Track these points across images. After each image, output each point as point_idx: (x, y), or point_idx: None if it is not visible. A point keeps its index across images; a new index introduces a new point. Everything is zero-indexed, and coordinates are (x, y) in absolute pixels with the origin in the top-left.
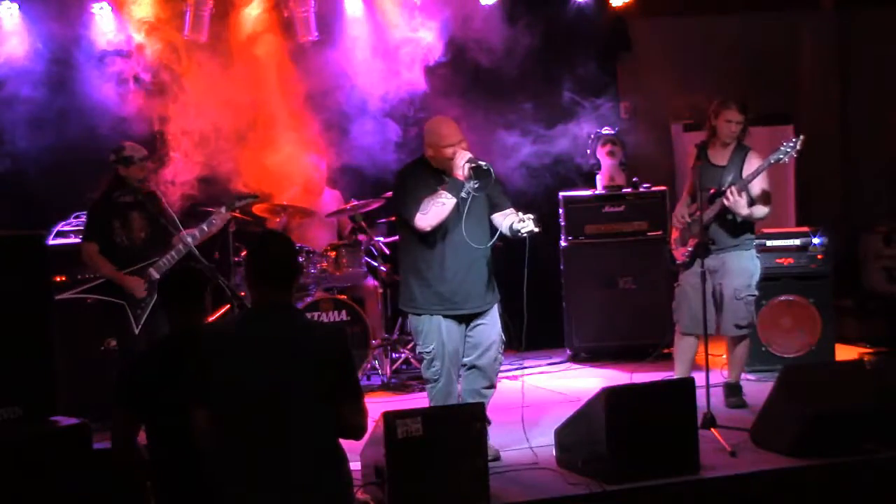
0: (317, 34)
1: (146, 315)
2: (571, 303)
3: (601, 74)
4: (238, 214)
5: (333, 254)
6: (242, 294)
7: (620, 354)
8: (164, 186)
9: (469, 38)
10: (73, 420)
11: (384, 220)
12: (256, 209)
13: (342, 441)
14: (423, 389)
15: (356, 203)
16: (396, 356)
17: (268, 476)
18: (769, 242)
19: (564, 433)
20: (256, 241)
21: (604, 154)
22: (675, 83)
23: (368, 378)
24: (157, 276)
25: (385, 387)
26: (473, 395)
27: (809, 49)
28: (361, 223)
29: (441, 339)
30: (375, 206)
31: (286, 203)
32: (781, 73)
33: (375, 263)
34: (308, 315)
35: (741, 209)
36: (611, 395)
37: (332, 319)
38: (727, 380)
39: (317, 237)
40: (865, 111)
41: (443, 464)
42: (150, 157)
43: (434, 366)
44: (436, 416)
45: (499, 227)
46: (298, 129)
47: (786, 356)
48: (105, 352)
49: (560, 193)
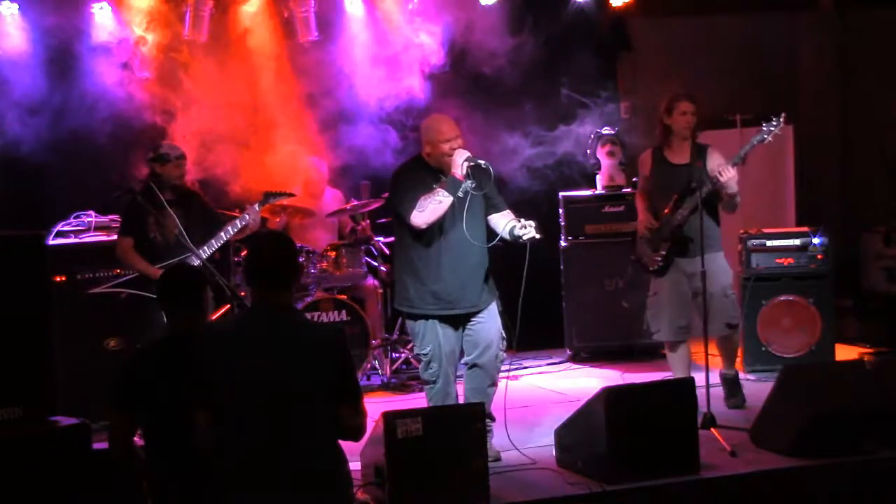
0: (317, 34)
1: None
2: (571, 303)
3: (601, 74)
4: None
5: (333, 254)
6: (242, 294)
7: (620, 354)
8: None
9: (469, 39)
10: (73, 420)
11: (384, 220)
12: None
13: (342, 441)
14: (423, 389)
15: (356, 203)
16: (396, 356)
17: (267, 476)
18: (769, 242)
19: (564, 433)
20: (257, 242)
21: (604, 154)
22: (675, 83)
23: (368, 378)
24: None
25: (385, 387)
26: (475, 394)
27: (809, 49)
28: (361, 223)
29: (438, 341)
30: (375, 206)
31: (286, 203)
32: (781, 73)
33: (375, 263)
34: (308, 315)
35: (734, 185)
36: (611, 395)
37: (332, 319)
38: (724, 372)
39: (317, 237)
40: (865, 111)
41: (443, 464)
42: (186, 157)
43: (431, 367)
44: (436, 416)
45: (495, 229)
46: (298, 130)
47: (786, 356)
48: (105, 352)
49: (560, 193)
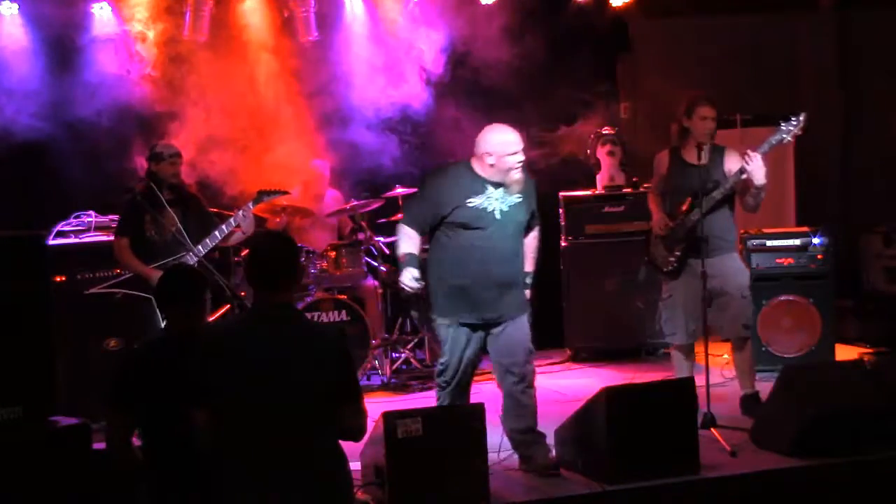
0: (317, 34)
1: None
2: (571, 303)
3: (601, 74)
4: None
5: (333, 254)
6: (242, 294)
7: (620, 354)
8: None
9: (468, 39)
10: (73, 420)
11: (384, 220)
12: (256, 209)
13: (342, 441)
14: (423, 389)
15: (356, 203)
16: (396, 356)
17: (267, 476)
18: (769, 242)
19: (564, 433)
20: (257, 242)
21: (604, 154)
22: (675, 83)
23: (368, 378)
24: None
25: (385, 387)
26: (511, 399)
27: (809, 49)
28: (361, 223)
29: (460, 349)
30: (375, 206)
31: (286, 203)
32: (781, 73)
33: (375, 263)
34: (308, 315)
35: (761, 175)
36: (611, 395)
37: (332, 319)
38: (745, 392)
39: (317, 237)
40: (865, 111)
41: (443, 464)
42: (181, 155)
43: (445, 375)
44: (436, 416)
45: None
46: (299, 129)
47: (786, 356)
48: (105, 352)
49: (560, 193)
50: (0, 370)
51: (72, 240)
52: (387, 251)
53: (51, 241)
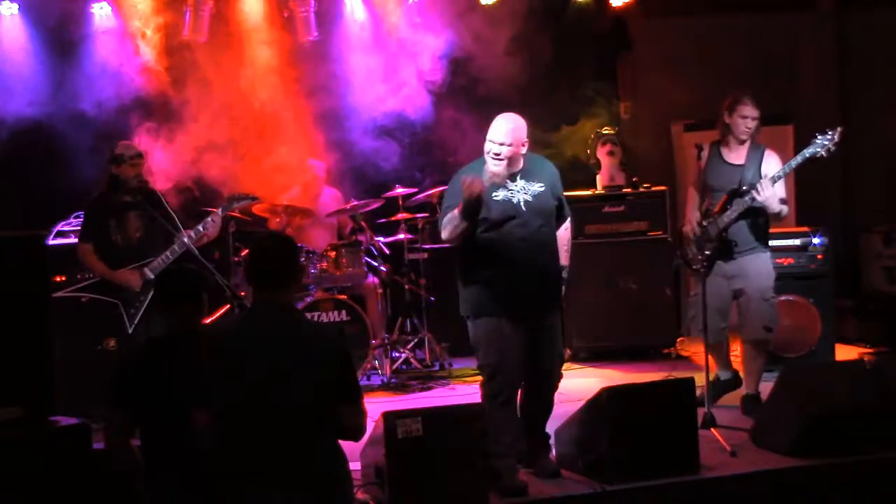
0: (316, 33)
1: (140, 315)
2: (571, 303)
3: (601, 75)
4: (237, 214)
5: (333, 254)
6: (242, 294)
7: (620, 354)
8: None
9: (469, 39)
10: (73, 420)
11: (384, 220)
12: (256, 209)
13: (342, 441)
14: (423, 389)
15: (356, 203)
16: (396, 356)
17: (268, 476)
18: (769, 242)
19: (564, 433)
20: (257, 242)
21: (604, 154)
22: (675, 83)
23: (368, 378)
24: (152, 276)
25: (385, 387)
26: (533, 390)
27: (809, 49)
28: (362, 223)
29: (503, 342)
30: (375, 206)
31: (286, 203)
32: (781, 73)
33: (375, 263)
34: (308, 315)
35: (774, 204)
36: (611, 395)
37: (332, 319)
38: (748, 391)
39: (317, 237)
40: (865, 111)
41: (443, 464)
42: (143, 156)
43: (496, 379)
44: (436, 416)
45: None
46: (297, 129)
47: (786, 356)
48: (104, 352)
49: None
50: (0, 370)
51: (72, 240)
52: (387, 251)
53: (51, 241)
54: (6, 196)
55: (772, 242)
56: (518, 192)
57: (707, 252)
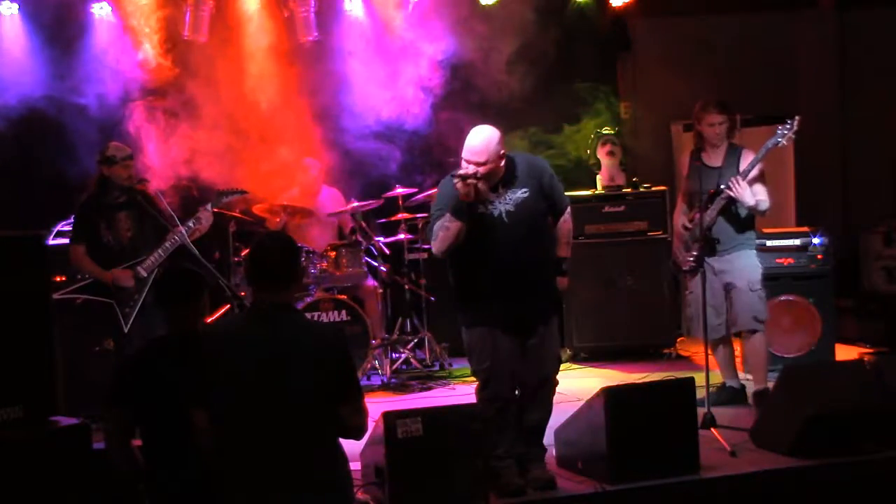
0: (316, 34)
1: (135, 314)
2: (571, 303)
3: (601, 75)
4: (237, 214)
5: (333, 254)
6: (242, 294)
7: (620, 354)
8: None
9: (469, 39)
10: (73, 420)
11: (384, 220)
12: (256, 209)
13: (342, 441)
14: (423, 389)
15: (356, 203)
16: (396, 356)
17: (268, 476)
18: (769, 242)
19: (564, 433)
20: (257, 242)
21: (604, 154)
22: (675, 83)
23: (368, 378)
24: (145, 274)
25: (385, 387)
26: (530, 395)
27: (809, 49)
28: (361, 223)
29: (496, 354)
30: (375, 206)
31: (286, 203)
32: (781, 73)
33: (375, 263)
34: (308, 315)
35: (747, 198)
36: (611, 395)
37: (332, 319)
38: (757, 388)
39: (317, 237)
40: (865, 111)
41: (443, 464)
42: (134, 157)
43: (489, 387)
44: (436, 416)
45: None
46: (296, 128)
47: (786, 356)
48: (103, 352)
49: None
50: (0, 370)
51: None
52: (387, 251)
53: (51, 241)
54: (6, 196)
55: (772, 242)
56: (499, 204)
57: (695, 252)
